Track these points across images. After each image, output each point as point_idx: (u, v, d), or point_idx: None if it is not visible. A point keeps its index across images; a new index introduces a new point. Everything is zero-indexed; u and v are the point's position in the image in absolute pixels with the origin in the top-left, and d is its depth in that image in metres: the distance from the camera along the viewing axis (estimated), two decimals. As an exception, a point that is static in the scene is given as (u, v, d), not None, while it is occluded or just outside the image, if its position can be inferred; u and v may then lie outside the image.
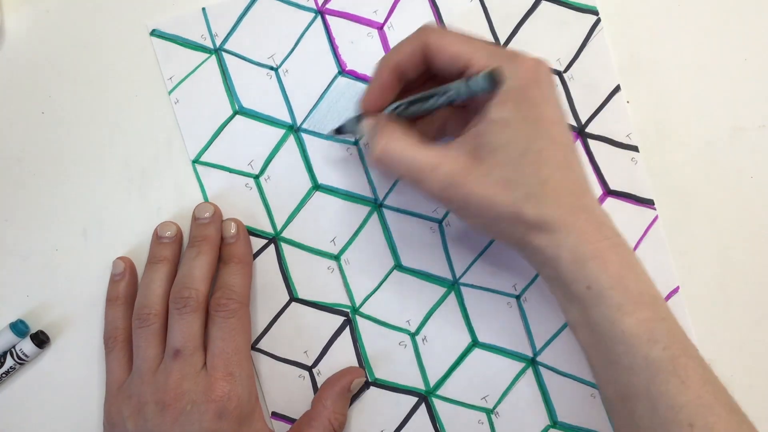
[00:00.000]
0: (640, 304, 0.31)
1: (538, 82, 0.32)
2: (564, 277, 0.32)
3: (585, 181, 0.33)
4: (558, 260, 0.32)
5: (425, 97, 0.34)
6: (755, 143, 0.40)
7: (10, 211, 0.42)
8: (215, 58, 0.42)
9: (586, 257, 0.31)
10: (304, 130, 0.41)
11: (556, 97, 0.33)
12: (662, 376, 0.30)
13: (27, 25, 0.42)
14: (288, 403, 0.41)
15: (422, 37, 0.33)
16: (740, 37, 0.40)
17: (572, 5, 0.41)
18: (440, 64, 0.33)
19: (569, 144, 0.33)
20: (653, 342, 0.30)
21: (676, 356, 0.30)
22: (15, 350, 0.40)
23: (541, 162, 0.31)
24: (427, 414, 0.41)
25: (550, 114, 0.32)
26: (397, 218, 0.41)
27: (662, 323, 0.31)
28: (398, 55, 0.34)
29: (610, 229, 0.32)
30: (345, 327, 0.41)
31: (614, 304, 0.31)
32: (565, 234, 0.31)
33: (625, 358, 0.30)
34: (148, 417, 0.36)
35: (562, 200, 0.31)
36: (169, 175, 0.42)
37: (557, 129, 0.32)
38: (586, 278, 0.31)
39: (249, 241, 0.41)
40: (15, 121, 0.42)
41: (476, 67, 0.32)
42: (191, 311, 0.37)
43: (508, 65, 0.32)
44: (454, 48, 0.33)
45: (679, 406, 0.29)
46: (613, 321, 0.31)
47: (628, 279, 0.31)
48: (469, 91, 0.31)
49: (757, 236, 0.40)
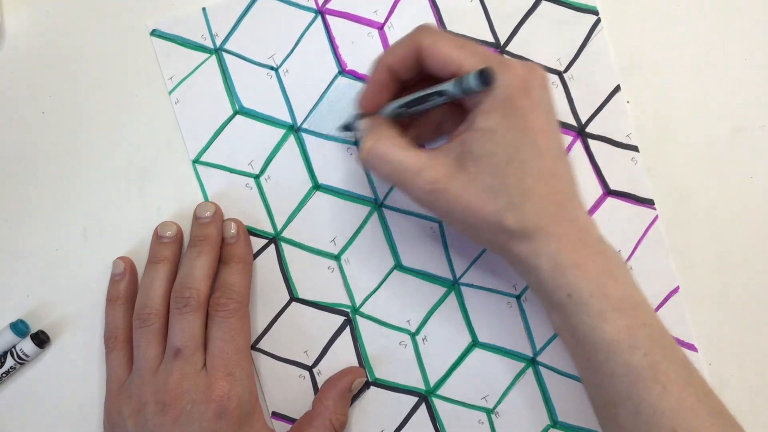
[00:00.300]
0: (621, 310, 0.31)
1: (527, 91, 0.32)
2: (545, 285, 0.32)
3: (572, 190, 0.33)
4: (538, 269, 0.32)
5: (420, 97, 0.34)
6: (755, 143, 0.40)
7: (10, 211, 0.42)
8: (215, 58, 0.42)
9: (566, 265, 0.31)
10: (305, 130, 0.41)
11: (547, 104, 0.33)
12: (644, 383, 0.30)
13: (27, 25, 0.42)
14: (288, 403, 0.41)
15: (416, 39, 0.33)
16: (740, 37, 0.40)
17: (572, 5, 0.41)
18: (432, 67, 0.33)
19: (557, 152, 0.33)
20: (634, 348, 0.30)
21: (657, 362, 0.30)
22: (15, 350, 0.40)
23: (525, 172, 0.31)
24: (428, 414, 0.41)
25: (537, 123, 0.32)
26: (397, 218, 0.41)
27: (643, 329, 0.31)
28: (392, 57, 0.34)
29: (591, 237, 0.32)
30: (345, 327, 0.41)
31: (594, 312, 0.31)
32: (546, 243, 0.32)
33: (607, 365, 0.31)
34: (148, 417, 0.36)
35: (545, 210, 0.32)
36: (169, 175, 0.42)
37: (544, 138, 0.32)
38: (566, 286, 0.31)
39: (249, 241, 0.41)
40: (15, 121, 0.42)
41: (467, 72, 0.32)
42: (192, 311, 0.37)
43: (499, 72, 0.31)
44: (446, 52, 0.33)
45: (661, 412, 0.30)
46: (593, 328, 0.31)
47: (609, 286, 0.31)
48: (462, 90, 0.31)
49: (757, 236, 0.40)
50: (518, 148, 0.31)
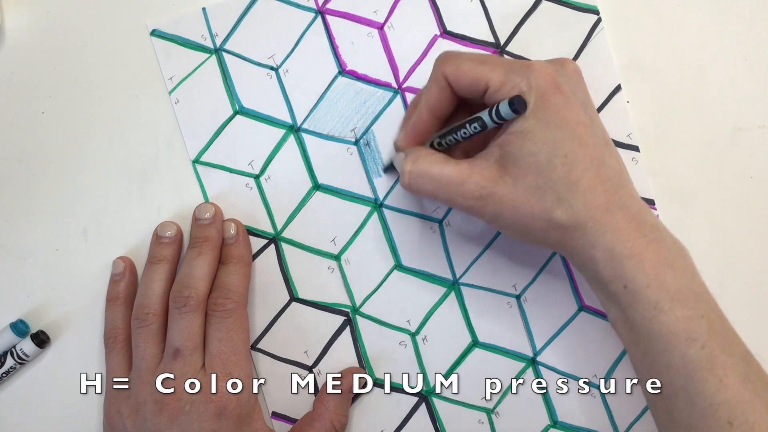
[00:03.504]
0: (679, 301, 0.31)
1: (557, 87, 0.32)
2: (601, 277, 0.32)
3: (622, 176, 0.33)
4: (594, 260, 0.32)
5: (455, 128, 0.34)
6: (755, 143, 0.40)
7: (10, 211, 0.42)
8: (215, 58, 0.42)
9: (622, 256, 0.31)
10: (305, 130, 0.41)
11: (582, 96, 0.33)
12: (700, 375, 0.30)
13: (27, 25, 0.42)
14: (288, 403, 0.41)
15: (439, 73, 0.34)
16: (740, 37, 0.40)
17: (573, 5, 0.41)
18: (462, 91, 0.34)
19: (600, 141, 0.33)
20: (691, 340, 0.30)
21: (715, 354, 0.30)
22: (15, 350, 0.40)
23: (570, 165, 0.31)
24: (428, 414, 0.41)
25: (574, 116, 0.32)
26: (397, 218, 0.41)
27: (701, 321, 0.31)
28: (429, 101, 0.35)
29: (647, 225, 0.32)
30: (345, 327, 0.41)
31: (651, 303, 0.31)
32: (600, 233, 0.31)
33: (663, 357, 0.31)
34: (147, 416, 0.36)
35: (596, 199, 0.31)
36: (169, 175, 0.42)
37: (583, 129, 0.32)
38: (622, 277, 0.31)
39: (248, 241, 0.41)
40: (15, 121, 0.42)
41: (495, 87, 0.32)
42: (191, 310, 0.37)
43: (525, 77, 0.31)
44: (470, 72, 0.33)
45: (717, 404, 0.29)
46: (650, 319, 0.31)
47: (666, 276, 0.31)
48: (497, 120, 0.32)
49: (757, 236, 0.40)
50: (558, 143, 0.31)
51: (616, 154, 0.34)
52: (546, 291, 0.40)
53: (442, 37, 0.41)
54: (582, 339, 0.40)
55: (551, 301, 0.40)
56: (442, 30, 0.41)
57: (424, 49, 0.41)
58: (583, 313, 0.40)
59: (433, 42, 0.41)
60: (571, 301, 0.40)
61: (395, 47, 0.41)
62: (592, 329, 0.40)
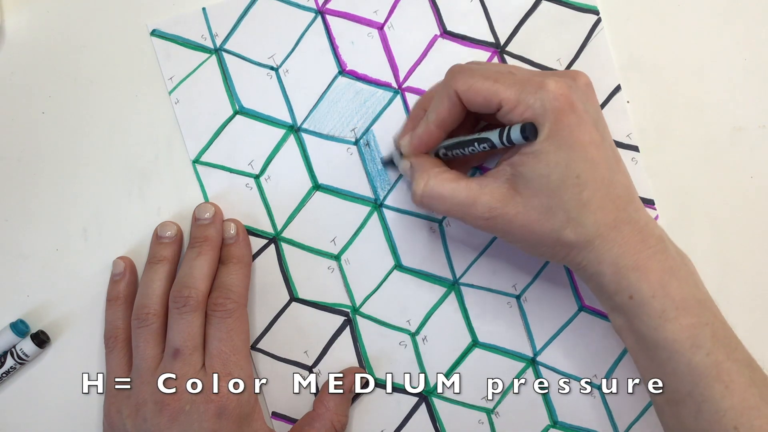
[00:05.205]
0: (683, 309, 0.31)
1: (571, 106, 0.31)
2: (607, 289, 0.32)
3: (630, 192, 0.33)
4: (600, 275, 0.32)
5: (463, 143, 0.34)
6: (755, 143, 0.40)
7: (10, 211, 0.42)
8: (215, 58, 0.42)
9: (627, 268, 0.31)
10: (305, 130, 0.41)
11: (594, 113, 0.33)
12: (705, 382, 0.30)
13: (27, 25, 0.42)
14: (288, 403, 0.41)
15: (451, 88, 0.34)
16: (740, 37, 0.40)
17: (572, 5, 0.41)
18: (475, 109, 0.34)
19: (610, 158, 0.33)
20: (696, 348, 0.31)
21: (720, 361, 0.30)
22: (15, 350, 0.40)
23: (582, 185, 0.31)
24: (428, 414, 0.41)
25: (586, 136, 0.32)
26: (397, 218, 0.41)
27: (706, 328, 0.31)
28: (441, 113, 0.34)
29: (653, 237, 0.32)
30: (345, 327, 0.41)
31: (656, 312, 0.31)
32: (607, 249, 0.32)
33: (669, 364, 0.31)
34: (147, 416, 0.36)
35: (605, 218, 0.32)
36: (169, 175, 0.42)
37: (595, 149, 0.32)
38: (627, 288, 0.32)
39: (248, 241, 0.41)
40: (15, 121, 0.42)
41: (508, 107, 0.32)
42: (191, 310, 0.37)
43: (539, 98, 0.31)
44: (484, 91, 0.33)
45: (723, 410, 0.30)
46: (655, 328, 0.31)
47: (671, 285, 0.31)
48: (505, 143, 0.32)
49: (757, 236, 0.40)
50: (570, 165, 0.31)
51: (624, 169, 0.34)
52: (546, 291, 0.40)
53: (442, 37, 0.41)
54: (582, 339, 0.40)
55: (551, 301, 0.40)
56: (442, 30, 0.41)
57: (424, 49, 0.41)
58: (583, 313, 0.40)
59: (433, 42, 0.41)
60: (571, 301, 0.40)
61: (395, 47, 0.41)
62: (592, 329, 0.40)
